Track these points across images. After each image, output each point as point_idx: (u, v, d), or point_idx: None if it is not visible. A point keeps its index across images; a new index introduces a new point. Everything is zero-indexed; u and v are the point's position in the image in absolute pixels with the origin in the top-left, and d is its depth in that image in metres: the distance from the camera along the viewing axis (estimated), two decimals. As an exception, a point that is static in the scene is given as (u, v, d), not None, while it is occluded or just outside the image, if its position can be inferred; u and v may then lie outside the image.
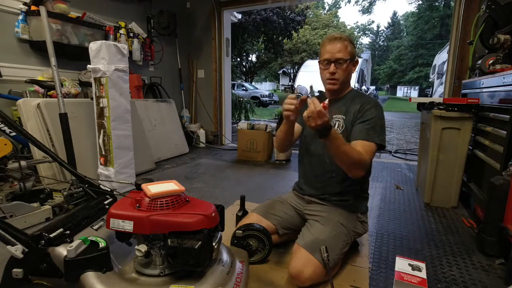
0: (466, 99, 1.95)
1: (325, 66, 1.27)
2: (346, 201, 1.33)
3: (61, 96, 2.05)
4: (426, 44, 25.71)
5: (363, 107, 1.26)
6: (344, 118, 1.30)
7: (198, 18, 4.42)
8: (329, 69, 1.26)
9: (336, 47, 1.23)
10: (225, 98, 4.56)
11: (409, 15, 31.69)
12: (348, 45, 1.25)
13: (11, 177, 1.81)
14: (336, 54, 1.23)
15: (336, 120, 1.31)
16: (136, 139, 2.56)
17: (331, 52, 1.24)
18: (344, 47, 1.24)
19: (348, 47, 1.24)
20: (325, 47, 1.26)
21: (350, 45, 1.26)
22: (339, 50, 1.23)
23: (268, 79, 31.16)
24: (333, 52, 1.23)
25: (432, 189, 2.10)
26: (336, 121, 1.31)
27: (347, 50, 1.24)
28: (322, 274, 1.13)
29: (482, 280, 1.26)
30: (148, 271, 0.97)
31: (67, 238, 0.99)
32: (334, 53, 1.23)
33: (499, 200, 1.36)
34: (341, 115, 1.31)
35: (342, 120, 1.30)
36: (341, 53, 1.23)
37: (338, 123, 1.31)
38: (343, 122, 1.29)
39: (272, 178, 2.84)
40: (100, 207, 1.24)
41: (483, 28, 2.28)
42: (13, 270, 0.89)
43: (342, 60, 1.23)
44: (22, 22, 2.43)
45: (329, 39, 1.27)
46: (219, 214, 1.06)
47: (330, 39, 1.26)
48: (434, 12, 25.23)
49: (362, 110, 1.26)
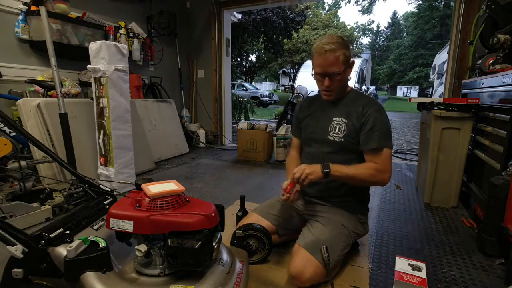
0: (466, 99, 1.95)
1: (319, 78, 1.23)
2: (347, 202, 1.32)
3: (61, 96, 2.05)
4: (426, 44, 25.70)
5: (366, 111, 1.22)
6: (345, 122, 1.27)
7: (198, 18, 4.42)
8: (323, 82, 1.21)
9: (328, 61, 1.16)
10: (225, 98, 4.55)
11: (409, 15, 31.69)
12: (340, 55, 1.15)
13: (11, 177, 1.81)
14: (328, 69, 1.17)
15: (337, 123, 1.28)
16: (136, 139, 2.56)
17: (323, 66, 1.17)
18: (335, 59, 1.15)
19: (340, 57, 1.15)
20: (316, 61, 1.19)
21: (343, 52, 1.16)
22: (331, 64, 1.16)
23: (268, 79, 31.16)
24: (325, 66, 1.17)
25: (432, 189, 2.10)
26: (336, 124, 1.28)
27: (340, 60, 1.16)
28: (322, 274, 1.13)
29: (482, 280, 1.26)
30: (148, 271, 0.97)
31: (67, 238, 0.99)
32: (326, 68, 1.17)
33: (499, 200, 1.36)
34: (342, 118, 1.28)
35: (343, 123, 1.27)
36: (334, 67, 1.16)
37: (339, 126, 1.28)
38: (344, 126, 1.27)
39: (272, 178, 2.84)
40: (100, 207, 1.24)
41: (483, 28, 2.27)
42: (13, 270, 0.89)
43: (336, 73, 1.18)
44: (22, 22, 2.43)
45: (318, 52, 1.17)
46: (219, 214, 1.06)
47: (320, 53, 1.16)
48: (434, 12, 25.22)
49: (365, 114, 1.22)
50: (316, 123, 1.36)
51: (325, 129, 1.31)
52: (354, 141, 1.25)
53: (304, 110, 1.43)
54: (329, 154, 1.29)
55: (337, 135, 1.27)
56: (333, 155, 1.28)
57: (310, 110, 1.41)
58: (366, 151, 1.22)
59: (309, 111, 1.41)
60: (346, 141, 1.26)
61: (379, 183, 1.21)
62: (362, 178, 1.17)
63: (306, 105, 1.45)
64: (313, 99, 1.45)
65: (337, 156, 1.27)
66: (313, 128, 1.36)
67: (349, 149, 1.27)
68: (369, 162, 1.21)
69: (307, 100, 1.50)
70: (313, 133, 1.36)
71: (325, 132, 1.31)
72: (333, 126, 1.29)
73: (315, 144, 1.36)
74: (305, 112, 1.42)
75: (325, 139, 1.30)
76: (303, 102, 1.51)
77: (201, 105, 4.62)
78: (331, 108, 1.33)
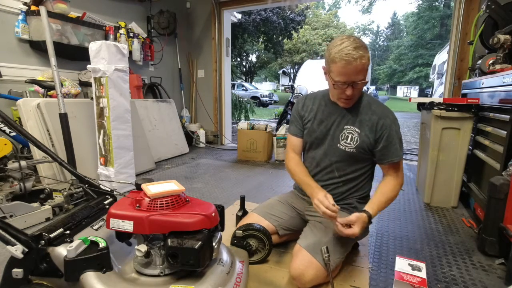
0: (466, 99, 1.95)
1: (340, 86, 1.12)
2: (350, 204, 1.31)
3: (61, 96, 2.05)
4: (426, 44, 25.70)
5: (382, 124, 1.18)
6: (358, 132, 1.21)
7: (198, 18, 4.42)
8: (346, 91, 1.12)
9: (356, 70, 1.06)
10: (225, 98, 4.55)
11: (409, 15, 31.66)
12: (367, 61, 1.05)
13: (11, 177, 1.81)
14: (355, 77, 1.07)
15: (349, 132, 1.23)
16: (136, 139, 2.56)
17: (349, 75, 1.07)
18: (363, 67, 1.06)
19: (366, 64, 1.06)
20: (342, 69, 1.07)
21: (368, 57, 1.06)
22: (359, 72, 1.06)
23: (268, 79, 31.18)
24: (351, 75, 1.07)
25: (432, 189, 2.10)
26: (348, 133, 1.23)
27: (366, 67, 1.07)
28: (323, 276, 1.12)
29: (482, 280, 1.26)
30: (148, 271, 0.97)
31: (67, 238, 0.99)
32: (352, 77, 1.07)
33: (499, 200, 1.35)
34: (355, 128, 1.22)
35: (356, 133, 1.21)
36: (361, 75, 1.07)
37: (351, 136, 1.22)
38: (357, 136, 1.21)
39: (272, 178, 2.84)
40: (100, 207, 1.24)
41: (483, 28, 2.28)
42: (13, 270, 0.89)
43: (361, 81, 1.09)
44: (22, 22, 2.43)
45: (346, 60, 1.04)
46: (219, 214, 1.06)
47: (348, 61, 1.04)
48: (434, 12, 25.22)
49: (382, 128, 1.18)
50: (324, 129, 1.28)
51: (336, 137, 1.25)
52: (365, 151, 1.23)
53: (307, 109, 1.33)
54: (338, 163, 1.27)
55: (349, 145, 1.23)
56: (341, 164, 1.27)
57: (315, 112, 1.31)
58: (387, 164, 1.23)
59: (314, 113, 1.31)
60: (357, 152, 1.23)
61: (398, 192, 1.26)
62: (391, 199, 1.22)
63: (310, 104, 1.34)
64: (315, 98, 1.34)
65: (345, 165, 1.27)
66: (321, 134, 1.29)
67: (359, 159, 1.26)
68: (388, 177, 1.25)
69: (310, 97, 1.37)
70: (320, 139, 1.30)
71: (335, 140, 1.26)
72: (344, 135, 1.23)
73: (322, 151, 1.30)
74: (309, 112, 1.32)
75: (335, 147, 1.26)
76: (305, 99, 1.37)
77: (201, 105, 4.62)
78: (342, 114, 1.25)
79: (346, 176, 1.29)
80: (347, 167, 1.27)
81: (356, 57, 1.04)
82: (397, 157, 1.21)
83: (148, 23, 3.77)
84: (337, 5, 36.29)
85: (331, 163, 1.28)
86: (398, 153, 1.21)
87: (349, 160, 1.26)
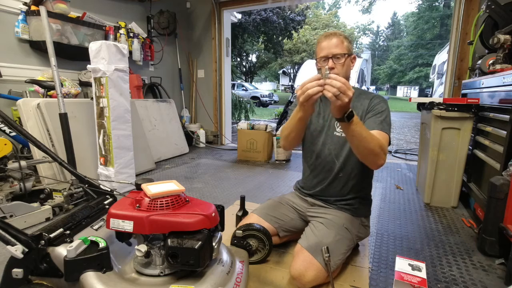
0: (466, 99, 1.95)
1: (323, 63, 1.25)
2: (351, 205, 1.32)
3: (61, 96, 2.05)
4: (426, 44, 25.71)
5: (373, 101, 1.26)
6: None
7: (198, 18, 4.42)
8: (327, 64, 1.23)
9: (332, 43, 1.22)
10: (225, 98, 4.56)
11: (409, 15, 31.66)
12: (344, 40, 1.23)
13: (11, 177, 1.81)
14: (333, 49, 1.22)
15: None
16: (136, 139, 2.56)
17: (328, 48, 1.23)
18: (340, 41, 1.22)
19: (344, 42, 1.23)
20: (321, 44, 1.25)
21: (346, 40, 1.24)
22: (335, 45, 1.22)
23: (268, 79, 31.16)
24: (330, 47, 1.22)
25: (432, 189, 2.10)
26: None
27: (344, 45, 1.23)
28: (324, 277, 1.12)
29: (482, 280, 1.26)
30: (148, 271, 0.97)
31: (67, 238, 0.99)
32: (331, 49, 1.22)
33: (499, 200, 1.36)
34: None
35: None
36: (338, 48, 1.22)
37: None
38: None
39: (272, 178, 2.84)
40: (100, 207, 1.24)
41: (483, 28, 2.28)
42: (13, 270, 0.89)
43: (340, 54, 1.21)
44: (22, 22, 2.43)
45: (324, 35, 1.27)
46: (219, 214, 1.06)
47: (326, 36, 1.26)
48: (434, 12, 25.23)
49: (371, 104, 1.25)
50: (322, 120, 1.34)
51: (332, 126, 1.30)
52: None
53: None
54: (336, 150, 1.29)
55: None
56: (340, 151, 1.28)
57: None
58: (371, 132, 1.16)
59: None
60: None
61: (376, 161, 1.09)
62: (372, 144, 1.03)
63: None
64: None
65: (344, 153, 1.27)
66: (319, 126, 1.34)
67: None
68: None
69: None
70: (319, 131, 1.34)
71: (331, 128, 1.30)
72: (337, 125, 1.28)
73: (321, 142, 1.33)
74: None
75: (331, 135, 1.30)
76: None
77: (201, 105, 4.62)
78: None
79: (346, 167, 1.29)
80: (346, 155, 1.27)
81: (331, 33, 1.25)
82: (379, 127, 1.16)
83: (148, 23, 3.77)
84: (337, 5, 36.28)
85: (330, 152, 1.30)
86: (384, 127, 1.16)
87: (346, 147, 1.27)
